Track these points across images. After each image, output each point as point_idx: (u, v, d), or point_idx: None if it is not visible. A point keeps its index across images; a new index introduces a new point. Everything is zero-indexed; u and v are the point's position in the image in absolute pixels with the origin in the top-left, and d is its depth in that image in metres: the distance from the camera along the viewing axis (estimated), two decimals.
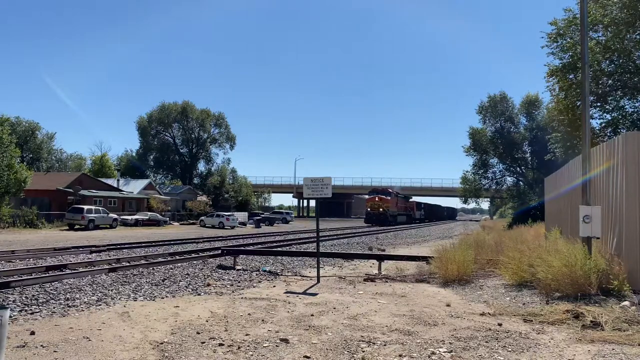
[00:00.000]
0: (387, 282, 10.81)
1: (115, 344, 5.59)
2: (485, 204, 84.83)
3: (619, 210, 8.62)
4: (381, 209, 56.43)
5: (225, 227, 43.68)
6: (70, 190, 42.90)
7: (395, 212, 60.02)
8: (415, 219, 72.91)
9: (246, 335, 6.02)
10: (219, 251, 15.66)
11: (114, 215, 38.70)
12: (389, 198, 58.23)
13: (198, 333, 6.08)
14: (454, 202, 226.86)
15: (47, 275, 10.78)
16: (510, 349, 5.44)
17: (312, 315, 7.21)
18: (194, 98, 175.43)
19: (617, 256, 8.45)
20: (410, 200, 73.22)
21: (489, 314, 7.30)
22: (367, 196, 60.58)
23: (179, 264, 13.66)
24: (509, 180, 48.78)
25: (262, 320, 6.86)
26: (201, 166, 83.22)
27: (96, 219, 35.73)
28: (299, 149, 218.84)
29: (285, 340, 5.75)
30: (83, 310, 7.40)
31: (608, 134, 19.82)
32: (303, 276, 11.88)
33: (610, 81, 19.72)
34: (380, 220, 55.36)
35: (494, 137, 45.30)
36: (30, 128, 63.68)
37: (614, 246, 8.81)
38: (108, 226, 37.08)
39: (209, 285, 10.13)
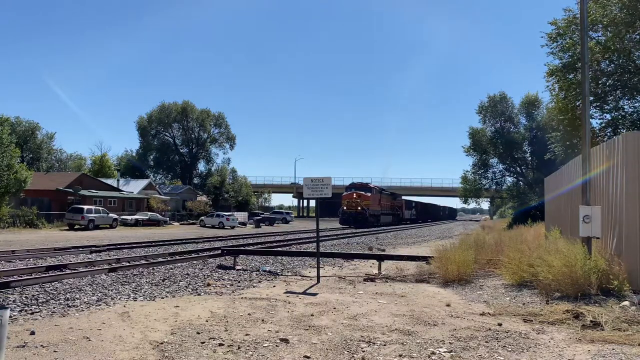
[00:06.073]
0: (387, 282, 10.81)
1: (115, 344, 5.59)
2: (485, 204, 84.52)
3: (619, 210, 8.62)
4: (359, 208, 47.51)
5: (225, 227, 43.69)
6: (70, 190, 42.90)
7: (377, 212, 51.39)
8: (405, 220, 65.25)
9: (246, 335, 6.02)
10: (219, 251, 15.66)
11: (114, 215, 38.70)
12: (369, 195, 49.21)
13: (198, 333, 6.08)
14: (454, 202, 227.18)
15: (47, 275, 10.78)
16: (510, 349, 5.44)
17: (312, 315, 7.21)
18: (194, 98, 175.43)
19: (617, 256, 8.45)
20: (399, 198, 65.06)
21: (489, 314, 7.30)
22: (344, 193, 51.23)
23: (179, 264, 13.66)
24: (509, 180, 48.81)
25: (262, 320, 6.86)
26: (201, 166, 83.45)
27: (96, 219, 35.73)
28: (299, 149, 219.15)
29: (285, 340, 5.75)
30: (83, 310, 7.40)
31: (608, 134, 19.83)
32: (303, 276, 11.88)
33: (610, 81, 19.73)
34: (358, 220, 46.90)
35: (494, 137, 45.30)
36: (30, 128, 63.66)
37: (614, 246, 8.81)
38: (108, 226, 37.08)
39: (209, 285, 10.13)
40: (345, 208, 48.65)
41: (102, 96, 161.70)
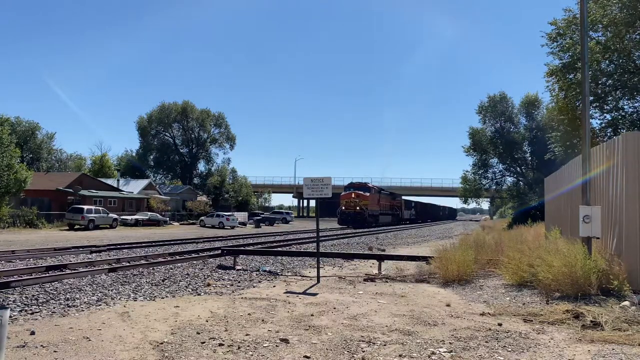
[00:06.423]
0: (387, 282, 10.81)
1: (115, 344, 5.59)
2: (485, 204, 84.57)
3: (619, 210, 8.62)
4: (358, 207, 46.94)
5: (225, 227, 43.69)
6: (70, 190, 42.89)
7: (376, 211, 50.83)
8: (404, 220, 64.81)
9: (246, 335, 6.02)
10: (219, 251, 15.66)
11: (114, 215, 38.69)
12: (368, 194, 48.54)
13: (198, 333, 6.08)
14: (454, 202, 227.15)
15: (47, 275, 10.78)
16: (510, 349, 5.44)
17: (312, 315, 7.21)
18: (194, 98, 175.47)
19: (617, 256, 8.45)
20: (398, 198, 64.37)
21: (489, 314, 7.30)
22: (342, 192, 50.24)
23: (179, 264, 13.66)
24: (509, 180, 48.83)
25: (262, 320, 6.86)
26: (201, 166, 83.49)
27: (96, 219, 35.73)
28: (299, 149, 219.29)
29: (285, 340, 5.75)
30: (83, 310, 7.40)
31: (608, 134, 19.84)
32: (303, 276, 11.88)
33: (610, 81, 19.74)
34: (357, 220, 46.32)
35: (494, 137, 45.33)
36: (30, 128, 63.62)
37: (614, 246, 8.81)
38: (108, 226, 37.08)
39: (209, 285, 10.13)
40: (343, 208, 48.03)
41: (102, 96, 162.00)
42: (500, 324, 6.57)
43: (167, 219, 48.22)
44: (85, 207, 36.42)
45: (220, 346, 5.52)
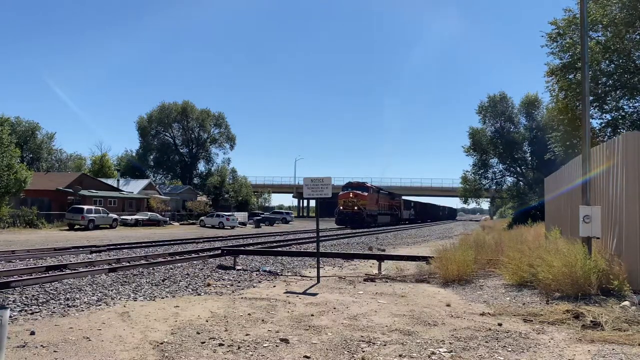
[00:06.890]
0: (387, 282, 10.81)
1: (115, 344, 5.59)
2: (485, 204, 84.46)
3: (619, 210, 8.62)
4: (356, 207, 46.33)
5: (225, 227, 43.70)
6: (70, 190, 42.90)
7: (374, 211, 50.21)
8: (403, 220, 64.37)
9: (246, 335, 6.02)
10: (219, 251, 15.66)
11: (114, 215, 38.70)
12: (366, 194, 47.88)
13: (198, 333, 6.08)
14: (454, 202, 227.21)
15: (47, 275, 10.78)
16: (510, 349, 5.44)
17: (312, 315, 7.21)
18: (194, 98, 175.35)
19: (617, 256, 8.45)
20: (397, 197, 63.85)
21: (489, 314, 7.30)
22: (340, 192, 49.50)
23: (179, 264, 13.66)
24: (509, 180, 48.83)
25: (262, 320, 6.86)
26: (201, 166, 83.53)
27: (96, 219, 35.73)
28: (299, 149, 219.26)
29: (285, 340, 5.75)
30: (83, 310, 7.40)
31: (608, 134, 19.85)
32: (303, 276, 11.88)
33: (610, 81, 19.74)
34: (355, 220, 45.66)
35: (494, 137, 45.34)
36: (30, 128, 63.66)
37: (614, 246, 8.81)
38: (108, 226, 37.09)
39: (209, 285, 10.13)
40: (341, 208, 47.29)
41: (102, 96, 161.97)
42: (500, 324, 6.57)
43: (167, 219, 48.22)
44: (85, 207, 36.43)
45: (220, 346, 5.52)
